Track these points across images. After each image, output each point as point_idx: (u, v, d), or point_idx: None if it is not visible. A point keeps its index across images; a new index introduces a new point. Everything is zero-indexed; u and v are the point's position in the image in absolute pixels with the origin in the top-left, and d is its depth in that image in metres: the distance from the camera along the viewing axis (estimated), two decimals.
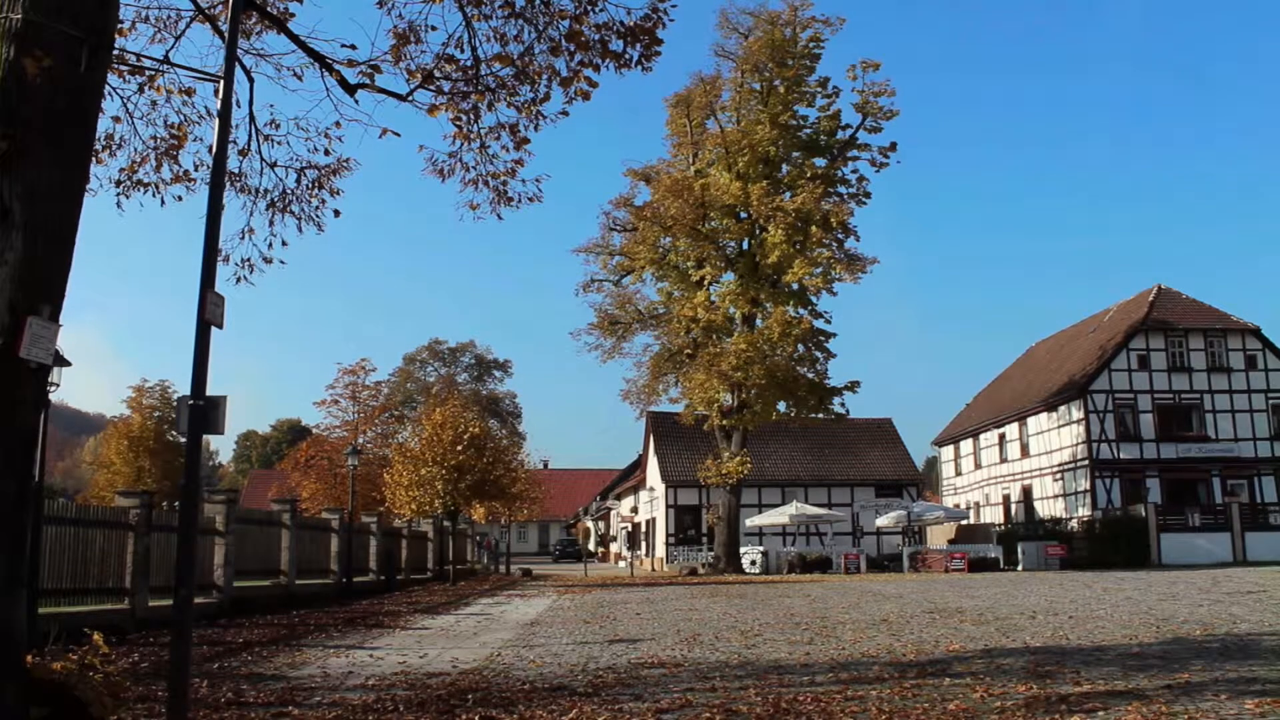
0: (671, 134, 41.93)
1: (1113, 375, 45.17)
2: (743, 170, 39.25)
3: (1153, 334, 45.88)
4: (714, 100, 40.19)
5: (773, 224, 37.57)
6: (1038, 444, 49.38)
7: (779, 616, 16.72)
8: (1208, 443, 45.21)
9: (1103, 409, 44.77)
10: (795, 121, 40.14)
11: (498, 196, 9.91)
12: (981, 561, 37.90)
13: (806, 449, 50.41)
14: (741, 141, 38.97)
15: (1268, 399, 45.87)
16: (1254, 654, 10.31)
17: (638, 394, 41.76)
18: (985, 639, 12.41)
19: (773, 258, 37.47)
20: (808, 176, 38.91)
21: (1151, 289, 48.79)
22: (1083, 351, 49.54)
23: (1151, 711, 7.03)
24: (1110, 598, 19.78)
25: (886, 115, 39.60)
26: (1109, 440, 44.60)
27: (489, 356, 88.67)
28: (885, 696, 7.92)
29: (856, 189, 40.46)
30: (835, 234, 38.67)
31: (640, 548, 55.62)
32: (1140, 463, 44.72)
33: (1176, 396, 45.46)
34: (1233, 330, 46.49)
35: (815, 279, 37.97)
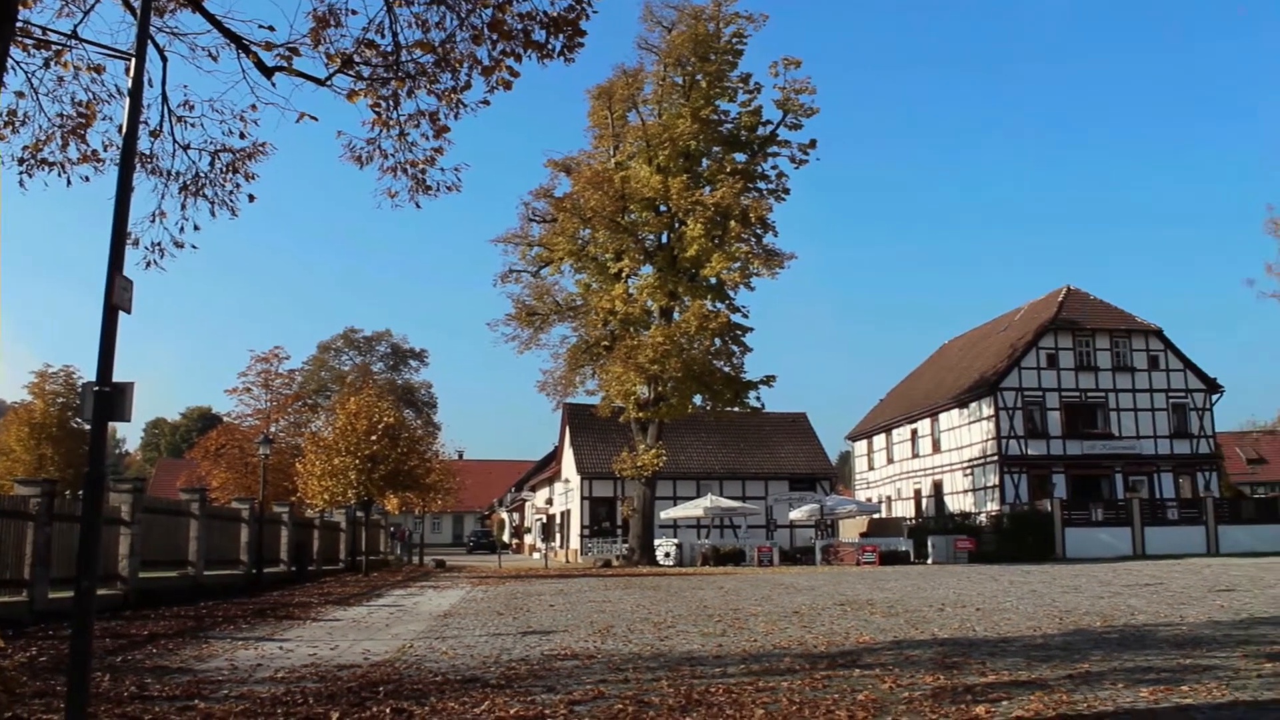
0: (593, 126, 41.88)
1: (1022, 373, 46.19)
2: (663, 164, 39.35)
3: (1061, 333, 47.01)
4: (636, 93, 40.21)
5: (692, 218, 37.72)
6: (949, 440, 50.28)
7: (692, 608, 16.80)
8: (1111, 440, 46.47)
9: (1012, 406, 45.74)
10: (717, 116, 40.32)
11: (416, 184, 9.81)
12: (892, 555, 38.47)
13: (722, 442, 50.75)
14: (662, 135, 39.04)
15: (1168, 398, 47.28)
16: (1150, 644, 10.61)
17: (554, 385, 41.66)
18: (895, 631, 12.60)
19: (691, 251, 37.62)
20: (728, 171, 39.13)
21: (1061, 289, 49.98)
22: (994, 350, 50.55)
23: (1053, 700, 7.20)
24: (1016, 590, 20.22)
25: (807, 112, 39.99)
26: (1017, 437, 45.58)
27: (405, 346, 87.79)
28: (796, 687, 8.01)
29: (776, 185, 40.82)
30: (754, 229, 38.95)
31: (555, 539, 55.53)
32: (1047, 459, 45.80)
33: (1083, 395, 46.64)
34: (1137, 331, 47.81)
35: (733, 273, 38.22)
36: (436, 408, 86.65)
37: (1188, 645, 10.48)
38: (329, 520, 34.47)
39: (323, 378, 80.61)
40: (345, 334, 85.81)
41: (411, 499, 40.66)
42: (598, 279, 40.81)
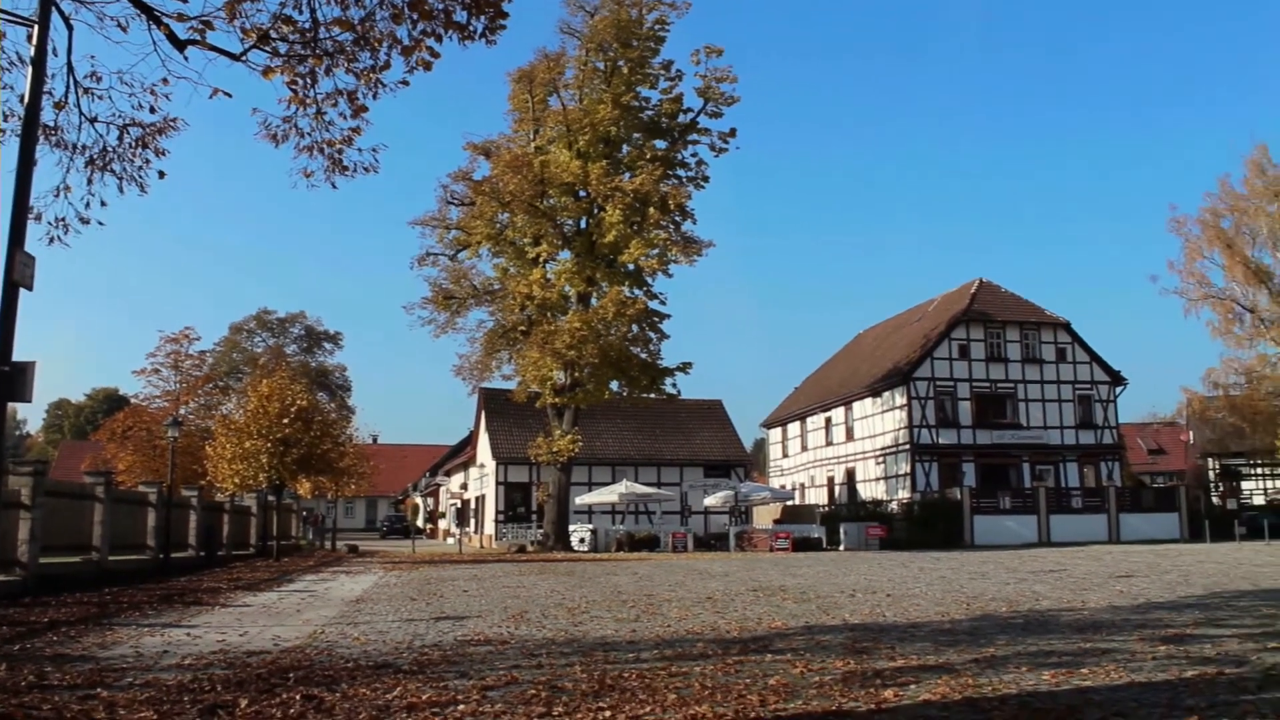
0: (513, 109, 41.57)
1: (934, 364, 47.00)
2: (583, 149, 39.25)
3: (973, 325, 47.93)
4: (557, 77, 40.01)
5: (611, 204, 37.71)
6: (862, 428, 50.97)
7: (606, 594, 16.83)
8: (1020, 430, 47.51)
9: (924, 396, 46.52)
10: (637, 103, 40.32)
11: (333, 164, 9.65)
12: (805, 541, 38.86)
13: (637, 428, 50.90)
14: (583, 120, 38.92)
15: (1075, 390, 48.48)
16: (1053, 629, 10.87)
17: (471, 370, 41.43)
18: (806, 616, 12.75)
19: (610, 237, 37.62)
20: (648, 158, 39.19)
21: (973, 281, 50.96)
22: (907, 340, 51.34)
23: (960, 684, 7.34)
24: (925, 576, 20.57)
25: (728, 101, 40.18)
26: (929, 426, 46.38)
27: (319, 328, 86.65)
28: (709, 672, 8.06)
29: (695, 172, 41.01)
30: (673, 216, 39.05)
31: (469, 525, 55.28)
32: (957, 448, 46.68)
33: (993, 385, 47.61)
34: (1046, 324, 48.93)
35: (651, 260, 38.29)
36: (351, 391, 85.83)
37: (1088, 629, 10.75)
38: (239, 505, 33.91)
39: (234, 359, 79.26)
40: (258, 315, 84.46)
41: (324, 483, 40.13)
42: (515, 263, 40.61)
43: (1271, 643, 9.49)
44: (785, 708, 6.57)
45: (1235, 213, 56.09)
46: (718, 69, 39.76)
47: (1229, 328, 56.15)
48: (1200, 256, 57.00)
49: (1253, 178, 55.57)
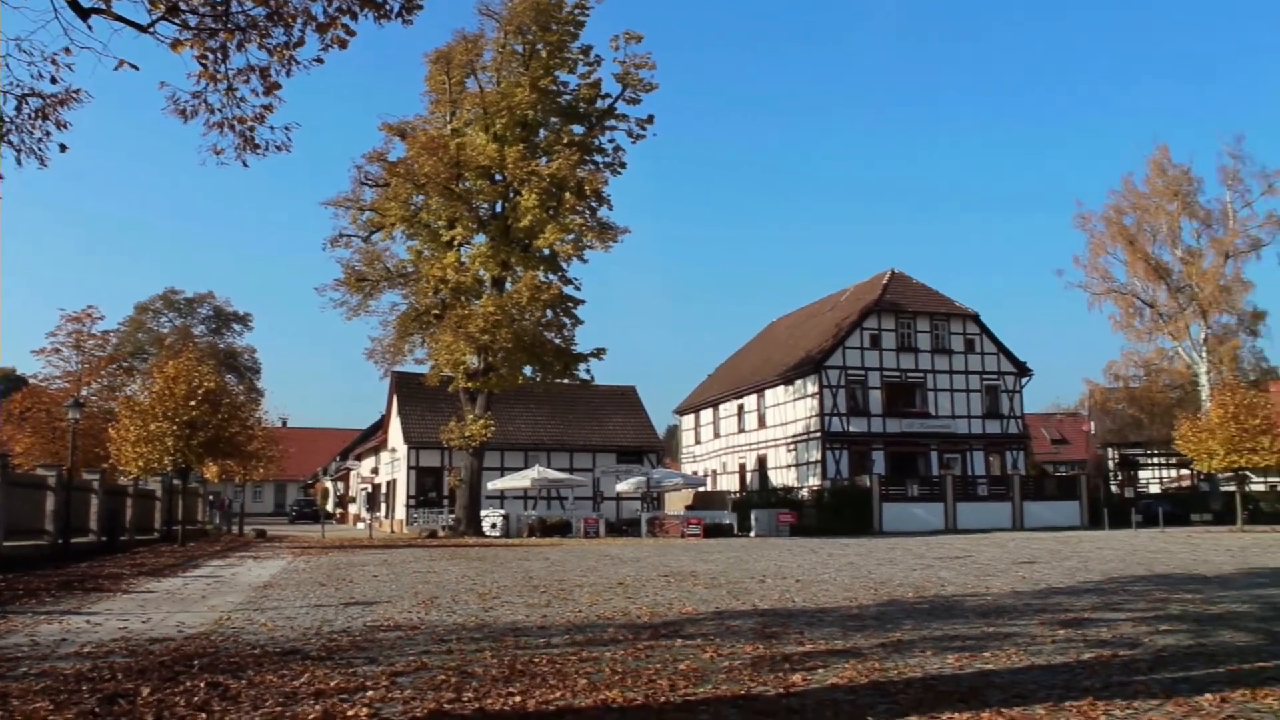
0: (430, 90, 41.10)
1: (846, 353, 47.58)
2: (500, 132, 38.98)
3: (884, 315, 48.61)
4: (475, 59, 39.65)
5: (527, 188, 37.52)
6: (774, 416, 51.44)
7: (518, 579, 16.81)
8: (928, 419, 48.34)
9: (835, 384, 47.09)
10: (555, 87, 40.13)
11: (244, 142, 9.44)
12: (716, 527, 39.11)
13: (550, 414, 50.80)
14: (500, 103, 38.64)
15: (982, 380, 49.46)
16: (958, 614, 11.09)
17: (383, 353, 40.96)
18: (717, 602, 12.85)
19: (525, 222, 37.43)
20: (565, 143, 39.05)
21: (885, 272, 51.64)
22: (820, 329, 51.89)
23: (866, 668, 7.46)
24: (834, 563, 20.86)
25: (646, 88, 40.15)
26: (840, 414, 46.97)
27: (228, 309, 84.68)
28: (619, 658, 8.09)
29: (612, 158, 40.97)
30: (589, 202, 38.99)
31: (380, 509, 54.76)
32: (867, 436, 47.35)
33: (903, 375, 48.36)
34: (955, 315, 49.83)
35: (566, 245, 38.21)
36: (260, 373, 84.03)
37: (991, 614, 10.99)
38: (143, 489, 33.17)
39: (139, 340, 77.37)
40: (165, 295, 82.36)
41: (232, 467, 39.42)
42: (430, 246, 40.21)
43: (1163, 625, 9.81)
44: (695, 692, 6.62)
45: (1137, 210, 57.67)
46: (637, 55, 39.76)
47: (1130, 322, 57.78)
48: (1104, 252, 58.55)
49: (1154, 177, 57.16)
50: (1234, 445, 39.87)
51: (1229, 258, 55.40)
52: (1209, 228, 56.51)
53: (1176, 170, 56.71)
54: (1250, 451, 39.81)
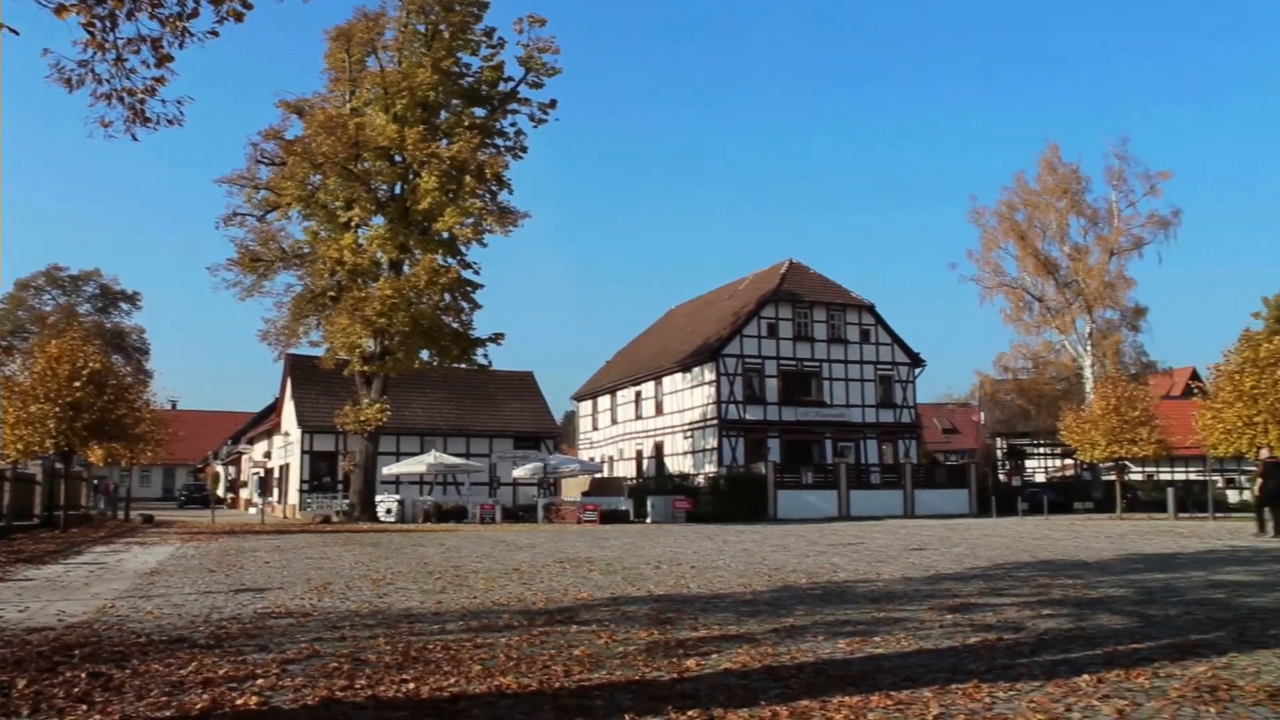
0: (329, 68, 40.32)
1: (744, 341, 48.02)
2: (400, 113, 38.43)
3: (782, 305, 49.16)
4: (376, 38, 38.99)
5: (427, 170, 37.08)
6: (671, 403, 51.72)
7: (412, 565, 16.66)
8: (823, 408, 49.06)
9: (732, 372, 47.50)
10: (458, 69, 39.70)
11: (134, 115, 9.14)
12: (613, 514, 39.27)
13: (447, 399, 50.41)
14: (401, 83, 38.11)
15: (876, 370, 50.36)
16: (849, 600, 11.27)
17: (277, 335, 40.16)
18: (612, 588, 12.88)
19: (424, 204, 36.99)
20: (466, 125, 38.71)
21: (784, 262, 52.21)
22: (718, 317, 52.27)
23: (759, 653, 7.54)
24: (729, 549, 21.04)
25: (549, 72, 39.95)
26: (736, 402, 47.40)
27: (116, 287, 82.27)
28: (514, 643, 8.07)
29: (514, 142, 40.74)
30: (489, 185, 38.73)
31: (272, 494, 53.80)
32: (764, 424, 47.87)
33: (799, 364, 49.00)
34: (851, 306, 50.62)
35: (466, 229, 37.89)
36: (149, 354, 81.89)
37: (882, 600, 11.19)
38: (23, 472, 32.07)
39: (20, 317, 74.83)
40: (48, 272, 79.65)
41: (118, 450, 38.35)
42: (327, 227, 39.52)
43: (1046, 610, 10.09)
44: (590, 678, 6.63)
45: (1029, 207, 59.20)
46: (540, 39, 39.53)
47: (1019, 315, 59.33)
48: (996, 247, 59.99)
49: (1045, 175, 58.74)
50: (1115, 436, 41.20)
51: (1113, 255, 57.19)
52: (1095, 226, 58.32)
53: (1066, 169, 58.40)
54: (1130, 442, 41.18)
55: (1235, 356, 38.75)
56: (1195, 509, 43.64)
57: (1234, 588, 12.35)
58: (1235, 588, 12.36)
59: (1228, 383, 37.98)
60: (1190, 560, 17.04)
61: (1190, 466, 58.25)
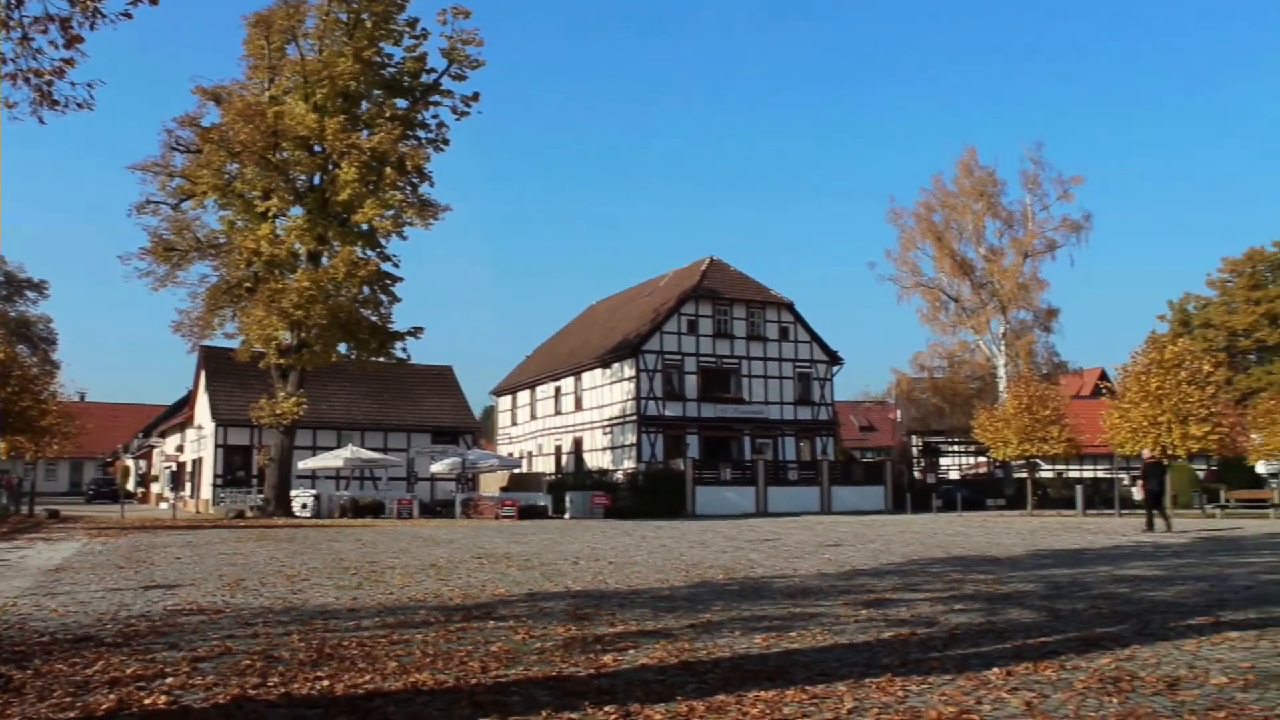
0: (248, 55, 39.49)
1: (664, 337, 48.13)
2: (320, 102, 37.83)
3: (702, 301, 49.35)
4: (297, 25, 38.28)
5: (347, 161, 36.55)
6: (591, 398, 51.69)
7: (328, 561, 16.48)
8: (742, 404, 49.36)
9: (652, 369, 47.60)
10: (380, 59, 39.19)
11: (41, 97, 8.89)
12: (531, 509, 39.18)
13: (365, 393, 49.84)
14: (322, 72, 37.51)
15: (795, 368, 50.79)
16: (766, 595, 11.37)
17: (191, 327, 39.30)
18: (530, 584, 12.86)
19: (344, 195, 36.49)
20: (387, 116, 38.23)
21: (705, 259, 52.42)
22: (638, 313, 52.34)
23: (676, 648, 7.58)
24: (647, 545, 21.11)
25: (473, 64, 39.63)
26: (656, 398, 47.50)
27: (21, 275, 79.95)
28: (431, 640, 8.02)
29: (436, 135, 40.30)
30: (410, 178, 38.33)
31: (185, 489, 52.78)
32: (683, 420, 48.03)
33: (718, 361, 49.23)
34: (771, 303, 50.98)
35: (386, 221, 37.44)
36: (56, 344, 79.73)
37: (798, 595, 11.31)
38: None
39: None
40: None
41: (22, 443, 37.37)
42: (243, 217, 38.78)
43: (958, 605, 10.27)
44: (507, 673, 6.61)
45: (946, 209, 60.06)
46: (464, 31, 39.15)
47: (935, 315, 60.16)
48: (913, 247, 60.74)
49: (962, 178, 59.64)
50: (1027, 434, 42.08)
51: (1027, 257, 58.29)
52: (1010, 228, 59.35)
53: (983, 172, 59.34)
54: (1041, 440, 42.09)
55: (1142, 358, 39.89)
56: (1103, 506, 44.72)
57: (1137, 582, 12.68)
58: (1139, 582, 12.68)
59: (1134, 383, 39.06)
60: (1097, 556, 17.46)
61: (1098, 464, 59.78)
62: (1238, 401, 55.83)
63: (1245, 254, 74.11)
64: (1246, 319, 71.01)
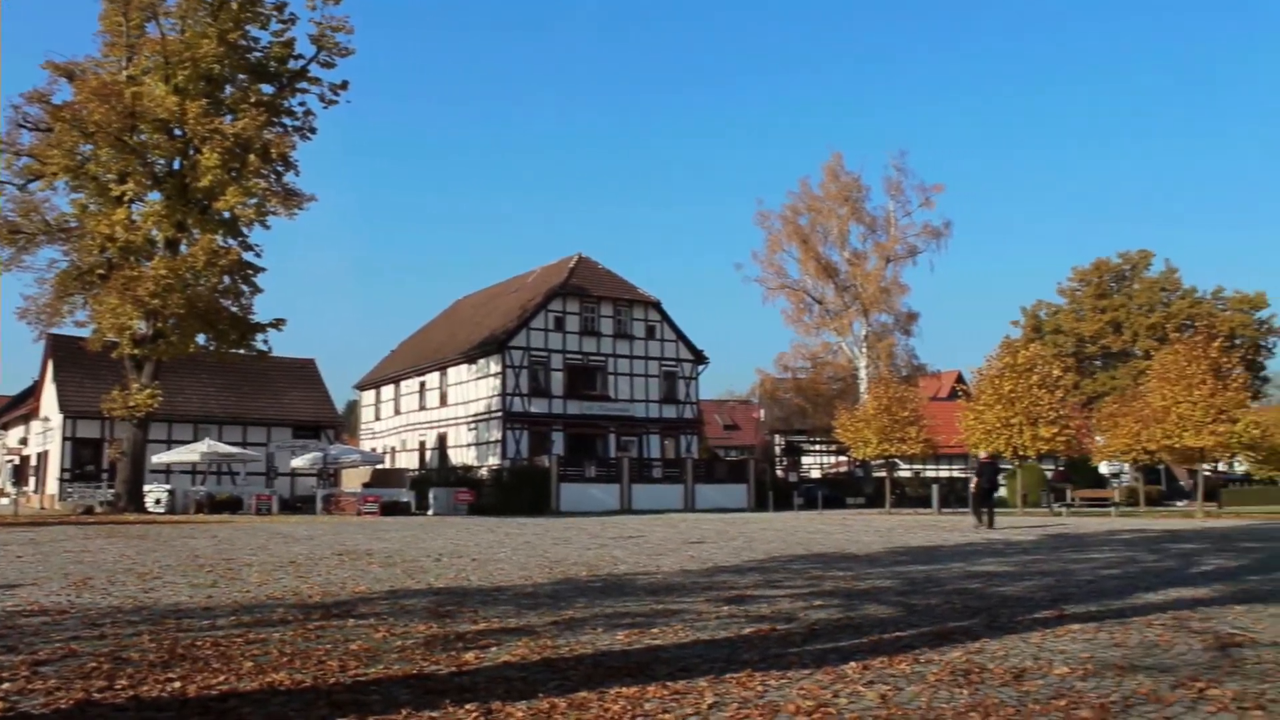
0: (104, 31, 37.99)
1: (530, 334, 48.04)
2: (181, 84, 36.63)
3: (569, 299, 49.39)
4: (158, 2, 36.94)
5: (209, 146, 35.50)
6: (456, 394, 51.28)
7: (182, 558, 16.02)
8: (608, 402, 49.55)
9: (518, 365, 47.45)
10: (245, 42, 38.14)
11: None
12: (394, 505, 38.77)
13: (224, 385, 48.57)
14: (184, 53, 36.33)
15: (661, 366, 51.21)
16: (629, 592, 11.42)
17: (38, 314, 37.70)
18: (391, 581, 12.69)
19: (205, 182, 35.43)
20: (252, 102, 37.26)
21: (573, 256, 52.46)
22: (505, 309, 52.12)
23: (539, 645, 7.57)
24: (511, 542, 21.03)
25: (342, 52, 38.93)
26: (522, 394, 47.37)
27: None
28: (288, 639, 7.86)
29: (303, 123, 39.48)
30: (275, 166, 37.47)
31: (28, 484, 50.65)
32: (548, 417, 48.01)
33: (585, 358, 49.33)
34: (638, 302, 51.28)
35: (249, 209, 36.54)
36: None
37: (661, 592, 11.38)
38: None
39: None
40: None
41: None
42: (97, 200, 37.32)
43: (817, 601, 10.47)
44: (366, 672, 6.52)
45: (812, 212, 61.22)
46: (334, 18, 38.42)
47: (800, 316, 61.26)
48: (780, 249, 61.75)
49: (828, 182, 60.88)
50: (886, 435, 43.14)
51: (889, 262, 59.80)
52: (874, 233, 60.84)
53: (848, 177, 60.67)
54: (900, 440, 43.21)
55: (996, 362, 41.29)
56: (958, 504, 46.19)
57: (989, 578, 13.10)
58: (990, 578, 13.11)
59: (989, 386, 40.42)
60: (951, 553, 17.99)
61: (954, 464, 61.63)
62: (1084, 405, 58.34)
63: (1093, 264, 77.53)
64: (1093, 326, 74.27)
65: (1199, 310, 71.81)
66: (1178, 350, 38.45)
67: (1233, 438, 37.40)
